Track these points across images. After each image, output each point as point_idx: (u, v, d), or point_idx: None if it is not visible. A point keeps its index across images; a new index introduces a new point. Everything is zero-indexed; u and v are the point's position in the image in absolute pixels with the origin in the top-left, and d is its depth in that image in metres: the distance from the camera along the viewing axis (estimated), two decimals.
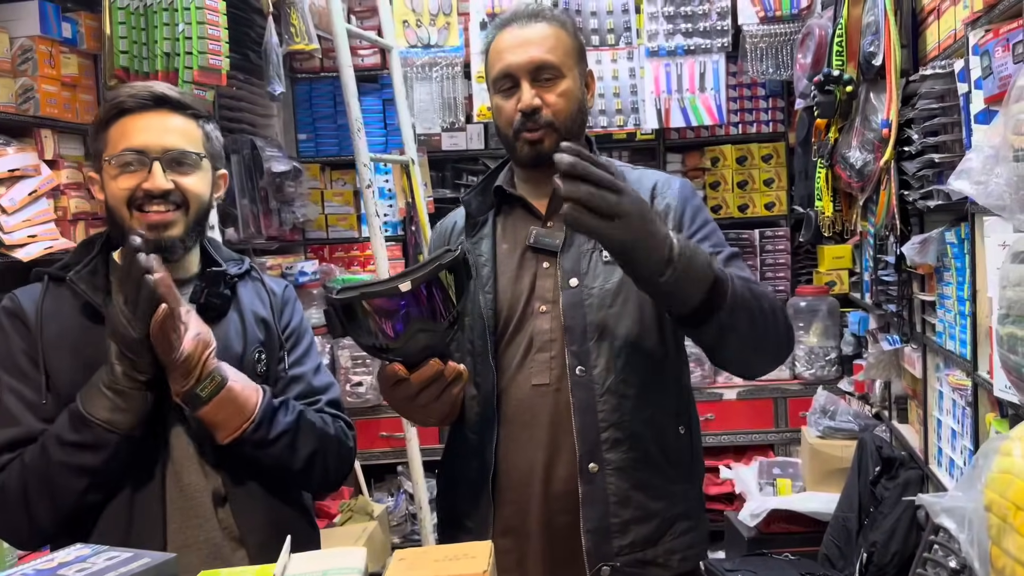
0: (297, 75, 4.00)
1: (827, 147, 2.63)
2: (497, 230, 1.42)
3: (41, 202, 2.33)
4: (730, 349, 1.25)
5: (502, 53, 1.37)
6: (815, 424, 3.21)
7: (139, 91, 1.33)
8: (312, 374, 1.45)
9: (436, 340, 1.17)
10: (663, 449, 1.35)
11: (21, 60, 2.35)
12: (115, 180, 1.30)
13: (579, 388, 1.32)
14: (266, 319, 1.42)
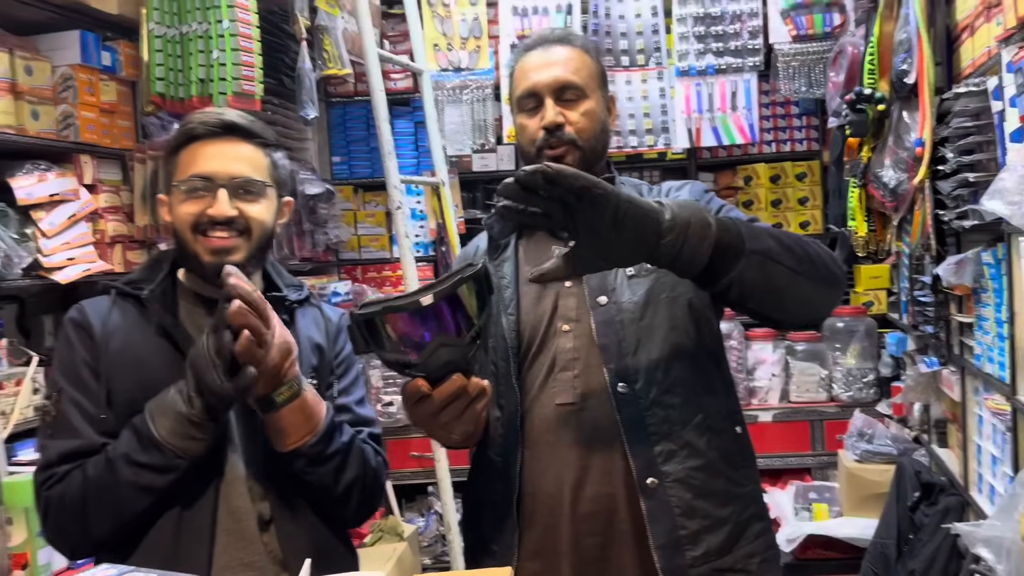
0: (331, 99, 4.07)
1: (860, 166, 2.59)
2: (519, 252, 1.43)
3: (80, 226, 2.39)
4: (781, 280, 1.17)
5: (527, 73, 1.39)
6: (852, 448, 3.14)
7: (209, 118, 1.35)
8: (357, 404, 1.46)
9: (458, 355, 1.16)
10: (722, 453, 1.32)
11: (62, 88, 2.42)
12: (182, 205, 1.32)
13: (625, 405, 1.29)
14: (321, 345, 1.43)
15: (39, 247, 2.27)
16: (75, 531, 1.27)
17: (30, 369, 2.26)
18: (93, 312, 1.34)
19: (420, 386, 1.16)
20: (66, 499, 1.26)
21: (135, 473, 1.23)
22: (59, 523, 1.27)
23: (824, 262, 1.23)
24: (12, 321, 2.53)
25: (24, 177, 2.27)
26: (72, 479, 1.26)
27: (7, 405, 2.19)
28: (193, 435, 1.23)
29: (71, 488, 1.26)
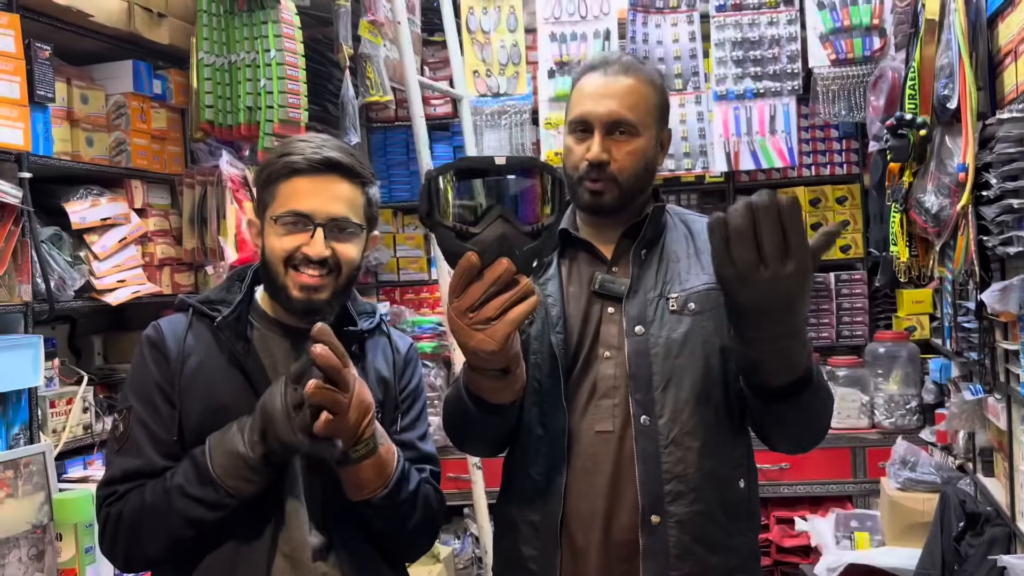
0: (373, 124, 4.14)
1: (901, 191, 2.57)
2: (562, 272, 1.43)
3: (130, 249, 2.47)
4: (798, 427, 1.26)
5: (584, 98, 1.38)
6: (895, 475, 3.09)
7: (313, 153, 1.34)
8: (420, 440, 1.45)
9: (515, 237, 1.10)
10: (723, 503, 1.34)
11: (115, 115, 2.51)
12: (278, 238, 1.32)
13: (643, 438, 1.31)
14: (387, 379, 1.43)
15: (91, 269, 2.35)
16: (129, 550, 1.30)
17: (80, 388, 2.33)
18: (170, 332, 1.35)
19: (471, 256, 1.09)
20: (123, 519, 1.28)
21: (187, 505, 1.25)
22: (114, 540, 1.30)
23: (818, 438, 1.32)
24: (64, 341, 2.61)
25: (78, 202, 2.36)
26: (130, 500, 1.28)
27: (58, 423, 2.26)
28: (248, 477, 1.24)
29: (128, 508, 1.28)
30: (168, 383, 1.32)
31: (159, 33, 2.57)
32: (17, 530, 1.98)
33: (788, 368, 1.15)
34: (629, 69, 1.38)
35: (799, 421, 1.24)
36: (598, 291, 1.38)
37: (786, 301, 1.07)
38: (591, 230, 1.44)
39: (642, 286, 1.37)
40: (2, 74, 2.02)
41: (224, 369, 1.33)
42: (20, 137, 2.07)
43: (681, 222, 1.46)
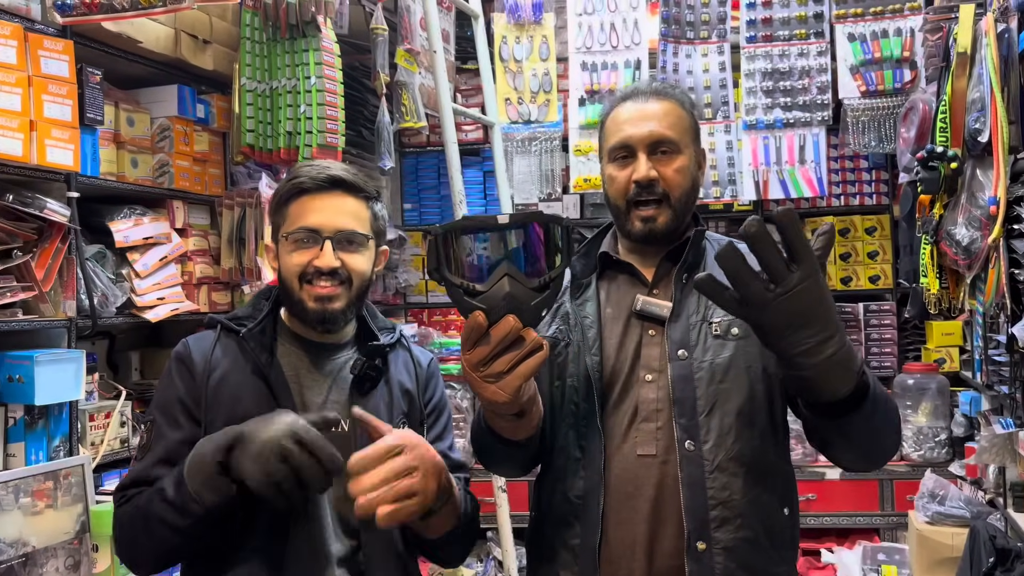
0: (405, 149, 4.22)
1: (932, 223, 2.58)
2: (601, 294, 1.42)
3: (170, 267, 2.53)
4: (868, 439, 1.21)
5: (621, 124, 1.39)
6: (923, 509, 3.06)
7: (317, 173, 1.42)
8: (450, 450, 1.49)
9: (521, 294, 1.11)
10: (768, 530, 1.32)
11: (159, 138, 2.59)
12: (290, 255, 1.39)
13: (688, 463, 1.29)
14: (411, 391, 1.47)
15: (133, 287, 2.42)
16: (129, 551, 1.34)
17: (119, 403, 2.39)
18: (197, 349, 1.41)
19: (477, 316, 1.09)
20: (122, 522, 1.34)
21: (162, 508, 1.26)
22: (119, 543, 1.36)
23: (890, 451, 1.26)
24: (103, 356, 2.68)
25: (122, 221, 2.43)
26: (132, 504, 1.33)
27: (97, 437, 2.31)
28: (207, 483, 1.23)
29: (125, 513, 1.33)
30: (193, 398, 1.38)
31: (203, 59, 2.66)
32: (55, 540, 2.03)
33: (841, 376, 1.10)
34: (660, 93, 1.41)
35: (867, 432, 1.19)
36: (640, 313, 1.37)
37: (808, 307, 1.05)
38: (633, 254, 1.44)
39: (684, 310, 1.36)
40: (56, 97, 2.10)
41: (248, 380, 1.38)
42: (70, 158, 2.14)
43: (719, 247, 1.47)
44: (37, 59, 2.07)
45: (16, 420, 2.09)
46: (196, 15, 2.59)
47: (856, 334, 3.85)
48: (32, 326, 2.12)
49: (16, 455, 2.08)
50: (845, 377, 1.11)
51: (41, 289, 2.13)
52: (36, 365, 2.05)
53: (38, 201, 2.11)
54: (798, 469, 2.81)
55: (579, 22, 3.64)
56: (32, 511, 1.98)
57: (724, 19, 3.60)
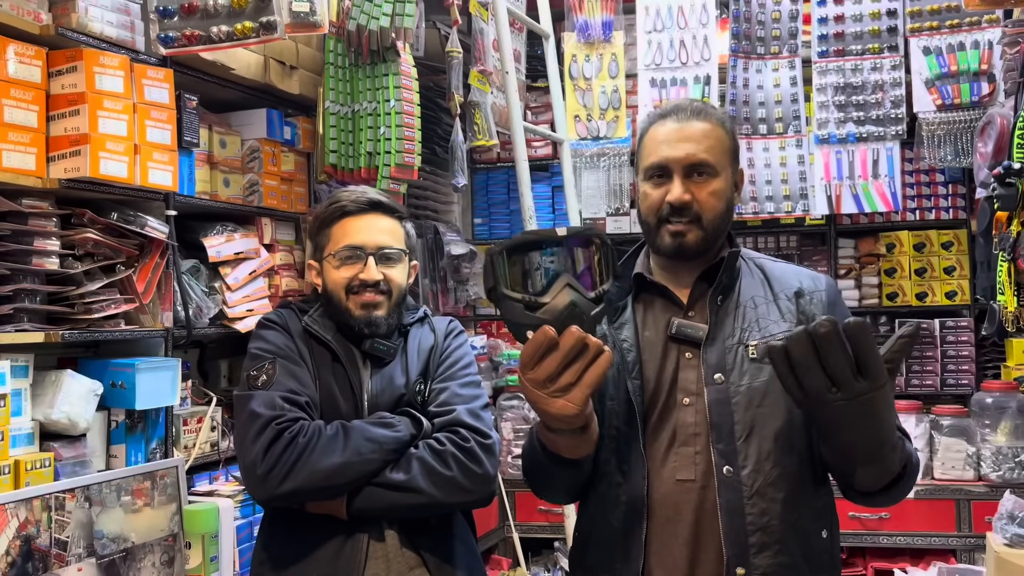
0: (476, 165, 4.32)
1: (1009, 240, 2.53)
2: (637, 317, 1.41)
3: (258, 281, 2.67)
4: (886, 504, 1.31)
5: (659, 144, 1.38)
6: (1002, 530, 2.98)
7: (358, 197, 1.63)
8: (459, 386, 1.63)
9: (583, 303, 1.14)
10: (806, 554, 1.32)
11: (249, 159, 2.73)
12: (337, 271, 1.61)
13: (726, 488, 1.29)
14: (429, 348, 1.67)
15: (224, 299, 2.56)
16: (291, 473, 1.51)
17: (209, 409, 2.53)
18: (284, 319, 1.69)
19: (547, 331, 1.10)
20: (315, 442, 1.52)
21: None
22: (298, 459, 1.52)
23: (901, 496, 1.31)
24: (194, 364, 2.83)
25: (215, 237, 2.57)
26: (312, 428, 1.53)
27: (189, 440, 2.45)
28: None
29: (321, 437, 1.52)
30: (299, 352, 1.65)
31: (290, 84, 2.80)
32: (152, 537, 2.16)
33: (878, 477, 1.19)
34: (701, 113, 1.39)
35: (886, 502, 1.29)
36: (675, 336, 1.36)
37: (866, 417, 1.09)
38: (666, 274, 1.43)
39: (720, 333, 1.36)
40: (157, 123, 2.26)
41: (321, 350, 1.65)
42: (169, 179, 2.29)
43: (756, 267, 1.44)
44: (141, 87, 2.22)
45: (118, 423, 2.23)
46: (283, 43, 2.74)
47: (932, 351, 3.78)
48: (133, 336, 2.27)
49: (118, 456, 2.22)
50: (881, 478, 1.18)
51: (141, 301, 2.27)
52: (137, 372, 2.18)
53: (140, 219, 2.25)
54: None
55: (648, 39, 3.69)
56: (132, 509, 2.11)
57: (795, 34, 3.60)
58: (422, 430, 1.57)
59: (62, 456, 2.03)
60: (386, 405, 1.62)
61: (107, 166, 2.09)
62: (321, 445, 1.48)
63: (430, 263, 3.57)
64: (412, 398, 1.62)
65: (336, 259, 1.62)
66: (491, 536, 3.82)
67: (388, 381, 1.63)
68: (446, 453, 1.53)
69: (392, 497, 1.51)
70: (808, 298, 1.40)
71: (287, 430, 1.49)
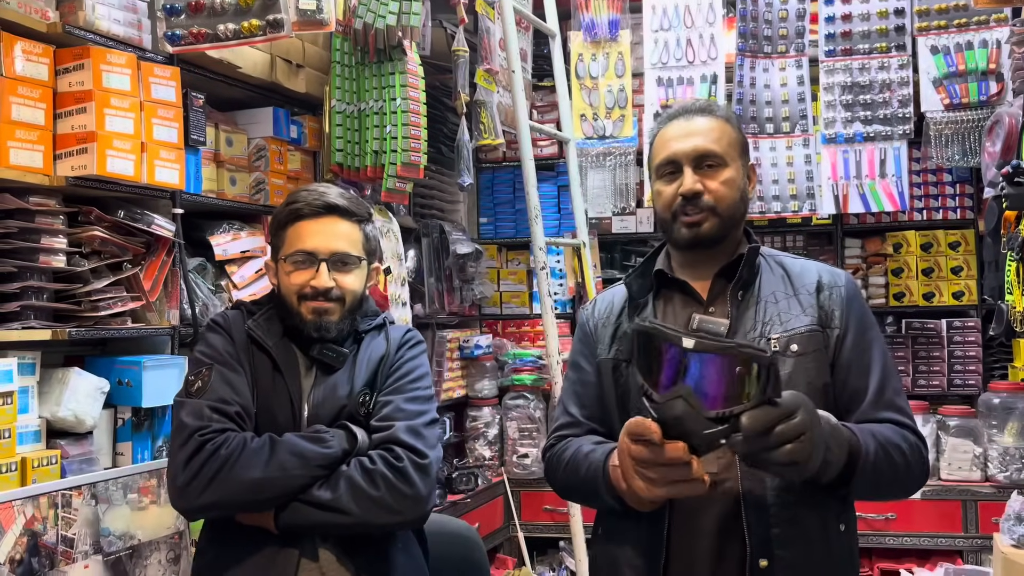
0: (482, 164, 4.32)
1: (1018, 239, 2.52)
2: (658, 312, 1.44)
3: (265, 279, 2.67)
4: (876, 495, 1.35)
5: (668, 142, 1.42)
6: (1009, 532, 2.97)
7: (314, 199, 1.59)
8: (405, 401, 1.58)
9: (693, 422, 1.06)
10: (826, 546, 1.34)
11: (256, 157, 2.73)
12: (289, 275, 1.58)
13: (750, 481, 1.31)
14: (382, 358, 1.62)
15: (231, 297, 2.55)
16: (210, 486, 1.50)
17: None
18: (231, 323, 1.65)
19: (651, 428, 1.09)
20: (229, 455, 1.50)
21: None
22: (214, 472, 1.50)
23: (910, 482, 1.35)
24: None
25: (221, 235, 2.57)
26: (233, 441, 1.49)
27: None
28: None
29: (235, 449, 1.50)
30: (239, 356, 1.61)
31: (296, 82, 2.80)
32: (158, 535, 2.16)
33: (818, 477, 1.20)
34: (705, 110, 1.44)
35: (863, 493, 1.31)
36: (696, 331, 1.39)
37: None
38: (686, 270, 1.45)
39: (741, 327, 1.38)
40: (164, 120, 2.26)
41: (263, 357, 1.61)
42: (176, 177, 2.29)
43: (776, 264, 1.46)
44: (148, 85, 2.22)
45: (125, 421, 2.23)
46: (290, 41, 2.74)
47: (939, 351, 3.77)
48: (140, 334, 2.27)
49: (124, 453, 2.23)
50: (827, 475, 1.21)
51: (148, 299, 2.27)
52: (144, 370, 2.19)
53: (146, 217, 2.26)
54: None
55: (655, 38, 3.68)
56: (138, 506, 2.11)
57: (802, 33, 3.59)
58: (356, 445, 1.51)
59: (69, 453, 2.03)
60: (327, 416, 1.57)
61: (114, 164, 2.09)
62: (244, 458, 1.43)
63: (436, 262, 3.57)
64: (355, 410, 1.56)
65: (289, 263, 1.58)
66: (496, 535, 3.82)
67: (331, 390, 1.57)
68: (375, 472, 1.48)
69: (318, 516, 1.47)
70: (828, 293, 1.41)
71: (210, 442, 1.45)
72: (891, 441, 1.30)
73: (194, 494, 1.45)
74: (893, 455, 1.29)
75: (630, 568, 1.38)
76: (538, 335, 4.19)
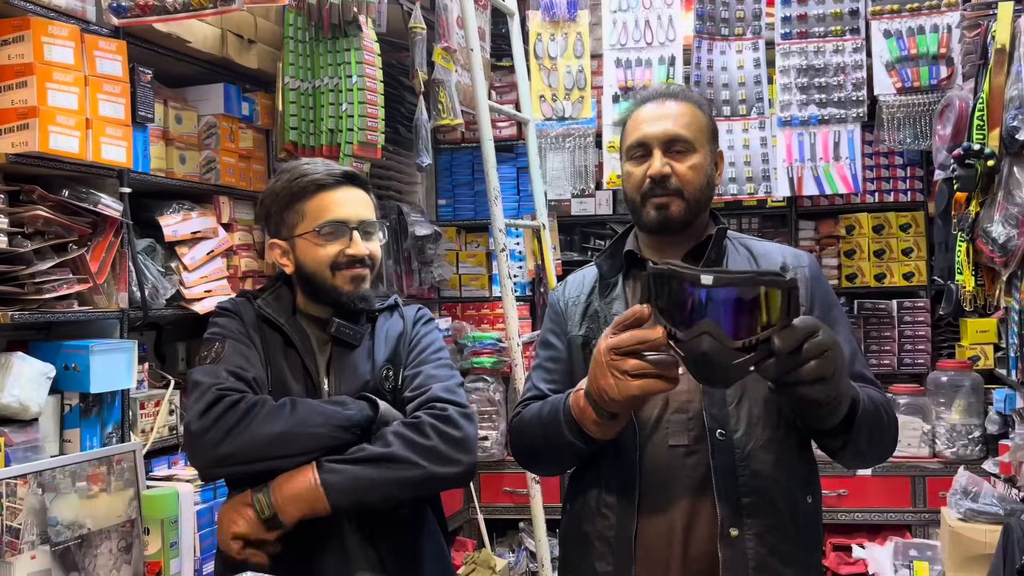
0: (440, 145, 4.27)
1: (968, 221, 2.58)
2: (627, 292, 1.47)
3: (216, 261, 2.61)
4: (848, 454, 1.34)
5: (639, 125, 1.46)
6: (956, 506, 3.06)
7: (331, 170, 1.55)
8: (433, 368, 1.57)
9: (721, 354, 1.08)
10: (794, 517, 1.38)
11: (206, 135, 2.66)
12: (320, 247, 1.52)
13: (720, 452, 1.34)
14: (400, 335, 1.60)
15: (181, 280, 2.49)
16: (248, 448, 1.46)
17: (167, 392, 2.47)
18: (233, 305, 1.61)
19: (644, 310, 1.17)
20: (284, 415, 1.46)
21: None
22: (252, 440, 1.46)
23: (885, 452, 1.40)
24: (150, 347, 2.76)
25: (171, 216, 2.50)
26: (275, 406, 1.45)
27: (147, 424, 2.40)
28: None
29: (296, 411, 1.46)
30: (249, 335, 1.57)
31: (248, 58, 2.72)
32: (109, 523, 2.10)
33: (831, 417, 1.22)
34: (678, 95, 1.47)
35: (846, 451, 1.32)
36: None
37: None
38: (654, 252, 1.48)
39: None
40: (110, 96, 2.18)
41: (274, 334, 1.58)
42: (123, 155, 2.21)
43: (742, 246, 1.50)
44: (93, 59, 2.14)
45: (72, 407, 2.17)
46: (242, 15, 2.66)
47: (889, 331, 3.84)
48: (87, 317, 2.20)
49: (72, 441, 2.17)
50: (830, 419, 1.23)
51: (95, 281, 2.21)
52: (91, 354, 2.12)
53: (92, 196, 2.18)
54: (829, 465, 2.80)
55: (613, 19, 3.66)
56: (87, 495, 2.06)
57: (759, 16, 3.61)
58: (379, 414, 1.48)
59: (13, 441, 1.97)
60: (350, 391, 1.54)
61: (57, 141, 2.01)
62: (264, 413, 1.40)
63: (394, 244, 3.53)
64: (379, 384, 1.55)
65: (319, 236, 1.51)
66: (456, 518, 3.82)
67: (352, 367, 1.56)
68: (423, 423, 1.46)
69: (372, 474, 1.40)
70: (792, 273, 1.44)
71: (227, 396, 1.41)
72: (876, 399, 1.35)
73: (211, 444, 1.39)
74: (881, 411, 1.34)
75: (602, 541, 1.40)
76: (498, 318, 4.18)
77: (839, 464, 1.40)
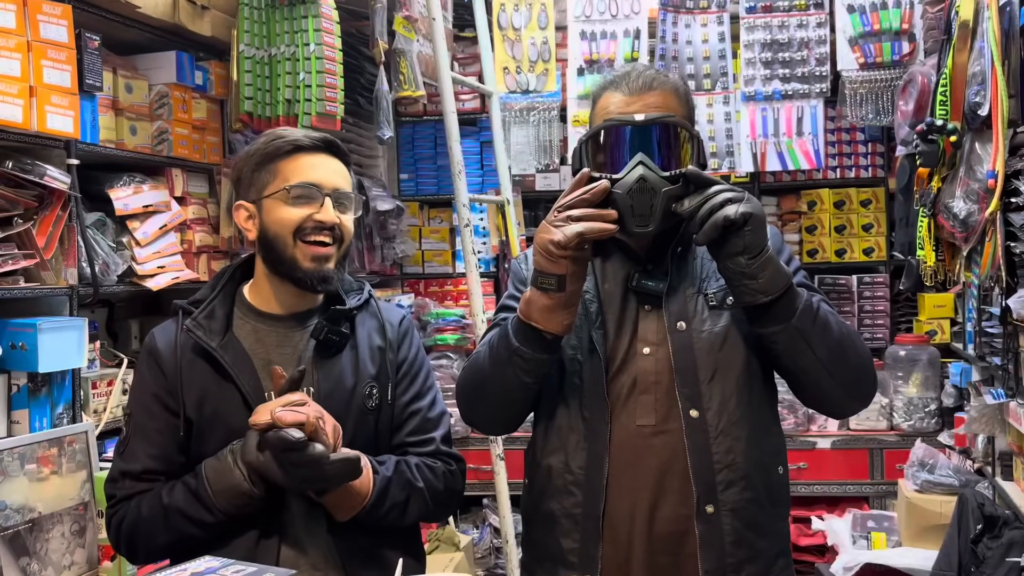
0: (402, 118, 4.19)
1: (929, 196, 2.59)
2: (596, 269, 1.45)
3: (170, 236, 2.53)
4: (807, 363, 1.33)
5: (609, 112, 1.38)
6: (912, 477, 3.12)
7: (312, 134, 1.46)
8: (428, 408, 1.52)
9: (654, 179, 1.27)
10: (768, 489, 1.39)
11: (158, 105, 2.57)
12: (285, 210, 1.40)
13: (693, 430, 1.34)
14: (382, 347, 1.49)
15: (133, 255, 2.42)
16: (130, 554, 1.45)
17: (120, 371, 2.40)
18: (163, 339, 1.46)
19: (585, 172, 1.30)
20: (122, 530, 1.43)
21: (186, 524, 1.37)
22: (116, 545, 1.46)
23: (861, 371, 1.37)
24: (102, 325, 2.68)
25: (121, 189, 2.42)
26: (129, 511, 1.41)
27: (99, 405, 2.33)
28: (251, 503, 1.36)
29: (127, 520, 1.41)
30: (166, 390, 1.42)
31: (201, 25, 2.63)
32: (61, 506, 2.05)
33: (762, 287, 1.27)
34: (653, 83, 1.38)
35: (802, 355, 1.32)
36: (636, 289, 1.40)
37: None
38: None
39: (680, 283, 1.41)
40: (55, 63, 2.08)
41: (204, 364, 1.41)
42: (70, 125, 2.13)
43: None
44: (36, 24, 2.04)
45: (20, 387, 2.10)
46: None
47: (849, 306, 3.89)
48: (34, 294, 2.12)
49: (20, 422, 2.10)
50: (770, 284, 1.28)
51: (42, 257, 2.13)
52: (39, 333, 2.05)
53: (38, 168, 2.10)
54: (790, 439, 2.86)
55: None
56: (37, 477, 1.99)
57: None
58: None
59: None
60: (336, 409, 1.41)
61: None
62: (143, 532, 1.41)
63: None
64: (360, 403, 1.45)
65: (287, 196, 1.39)
66: None
67: (337, 376, 1.44)
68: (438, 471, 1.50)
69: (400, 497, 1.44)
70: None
71: (117, 512, 1.43)
72: (831, 312, 1.36)
73: (128, 554, 1.46)
74: (837, 322, 1.35)
75: (568, 519, 1.39)
76: (461, 294, 4.14)
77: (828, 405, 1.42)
